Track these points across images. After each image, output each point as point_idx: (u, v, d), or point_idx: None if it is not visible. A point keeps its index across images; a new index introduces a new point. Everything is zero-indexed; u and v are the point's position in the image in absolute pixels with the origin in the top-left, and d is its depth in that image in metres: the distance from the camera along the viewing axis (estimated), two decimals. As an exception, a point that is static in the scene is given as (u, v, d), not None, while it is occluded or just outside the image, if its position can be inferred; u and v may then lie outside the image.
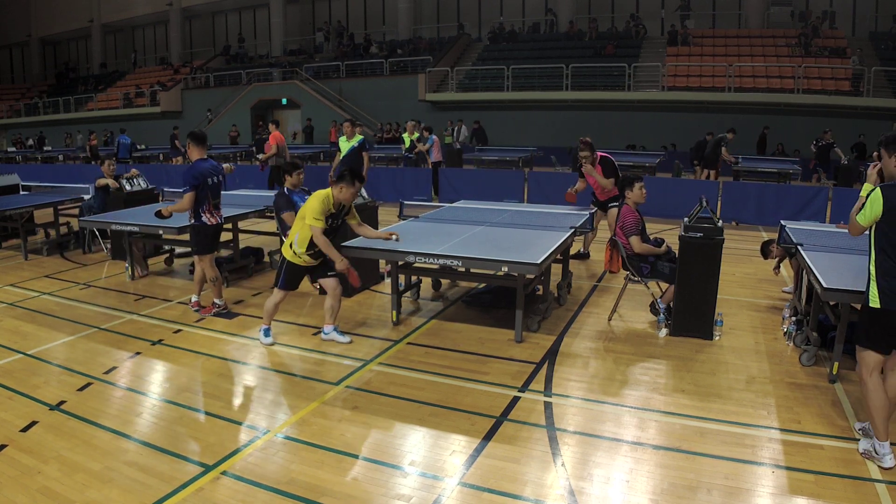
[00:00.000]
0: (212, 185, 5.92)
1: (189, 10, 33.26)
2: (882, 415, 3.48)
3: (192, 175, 5.78)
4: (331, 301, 5.41)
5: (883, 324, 3.47)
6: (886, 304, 3.41)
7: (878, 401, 3.50)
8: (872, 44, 21.50)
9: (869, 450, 3.57)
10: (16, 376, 4.75)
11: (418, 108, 23.97)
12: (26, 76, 39.56)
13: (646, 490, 3.32)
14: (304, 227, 5.10)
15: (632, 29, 24.54)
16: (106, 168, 9.16)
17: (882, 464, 3.47)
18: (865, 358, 3.56)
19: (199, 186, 5.79)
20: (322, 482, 3.39)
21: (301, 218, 5.12)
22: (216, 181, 6.00)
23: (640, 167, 15.23)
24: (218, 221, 6.07)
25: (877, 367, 3.53)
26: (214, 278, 6.09)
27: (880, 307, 3.43)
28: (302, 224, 5.10)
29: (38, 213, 9.68)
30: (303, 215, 5.10)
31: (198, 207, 5.88)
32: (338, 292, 5.41)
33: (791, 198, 10.87)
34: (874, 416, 3.51)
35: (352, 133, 9.92)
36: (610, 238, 5.89)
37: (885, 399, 3.49)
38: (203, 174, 5.84)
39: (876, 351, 3.53)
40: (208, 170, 5.92)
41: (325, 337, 5.48)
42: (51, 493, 3.29)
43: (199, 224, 5.94)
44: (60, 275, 7.84)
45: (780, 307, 6.38)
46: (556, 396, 4.42)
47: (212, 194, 5.93)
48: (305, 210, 5.08)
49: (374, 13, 30.81)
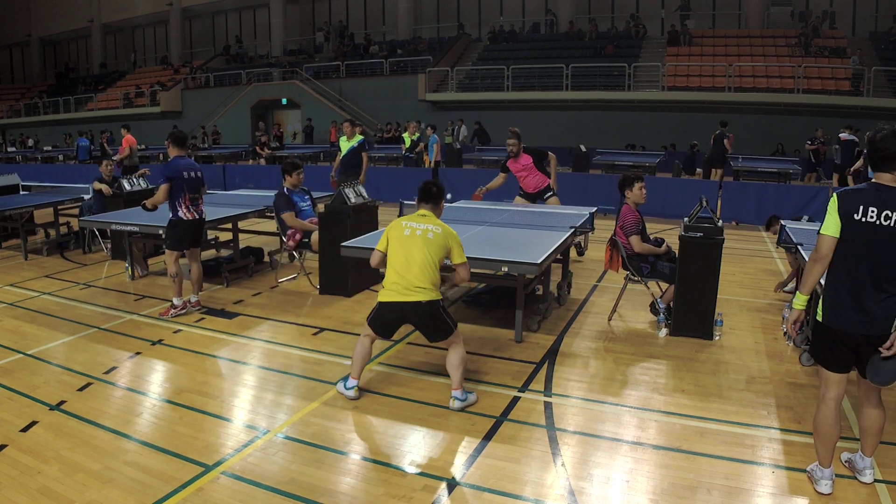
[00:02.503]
0: (188, 180, 6.03)
1: (189, 10, 33.25)
2: (824, 442, 3.20)
3: (169, 168, 5.99)
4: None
5: (825, 339, 3.17)
6: (827, 321, 3.13)
7: (821, 425, 3.20)
8: (872, 44, 21.49)
9: (811, 470, 3.32)
10: (16, 376, 4.74)
11: (418, 108, 23.97)
12: (26, 76, 39.54)
13: (646, 490, 3.32)
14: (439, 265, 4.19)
15: (632, 29, 24.52)
16: (104, 168, 9.17)
17: (817, 488, 3.22)
18: (820, 373, 3.27)
19: (174, 179, 5.94)
20: (322, 482, 3.39)
21: (438, 256, 4.14)
22: (193, 176, 6.10)
23: (640, 167, 15.24)
24: (196, 217, 6.14)
25: (835, 386, 3.19)
26: (175, 274, 6.10)
27: (821, 321, 3.16)
28: (437, 263, 4.15)
29: (38, 213, 9.67)
30: (444, 250, 4.17)
31: (174, 201, 6.00)
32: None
33: (791, 198, 10.87)
34: (816, 439, 3.25)
35: (352, 133, 9.92)
36: (610, 238, 5.89)
37: (830, 426, 3.17)
38: (179, 168, 5.98)
39: (824, 367, 3.22)
40: (184, 165, 6.05)
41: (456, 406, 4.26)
42: (51, 493, 3.28)
43: (174, 219, 6.08)
44: (60, 275, 7.84)
45: (780, 307, 6.38)
46: (556, 396, 4.42)
47: (189, 189, 6.03)
48: (456, 247, 4.20)
49: (374, 13, 30.80)
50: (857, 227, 2.98)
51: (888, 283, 2.99)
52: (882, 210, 2.94)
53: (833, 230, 3.05)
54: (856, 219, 2.98)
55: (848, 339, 3.09)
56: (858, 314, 3.04)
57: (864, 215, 2.96)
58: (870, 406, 3.25)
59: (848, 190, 3.12)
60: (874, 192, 2.99)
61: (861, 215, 2.97)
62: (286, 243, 7.02)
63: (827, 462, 3.23)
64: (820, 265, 3.12)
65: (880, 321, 3.01)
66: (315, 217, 7.13)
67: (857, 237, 2.99)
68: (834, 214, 3.05)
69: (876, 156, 3.03)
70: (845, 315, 3.07)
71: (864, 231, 2.97)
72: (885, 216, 2.93)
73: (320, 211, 7.13)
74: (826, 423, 3.19)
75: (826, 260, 3.09)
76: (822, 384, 3.25)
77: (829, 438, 3.19)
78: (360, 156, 9.87)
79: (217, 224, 7.28)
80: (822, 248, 3.09)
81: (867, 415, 3.26)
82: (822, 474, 3.24)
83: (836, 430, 3.19)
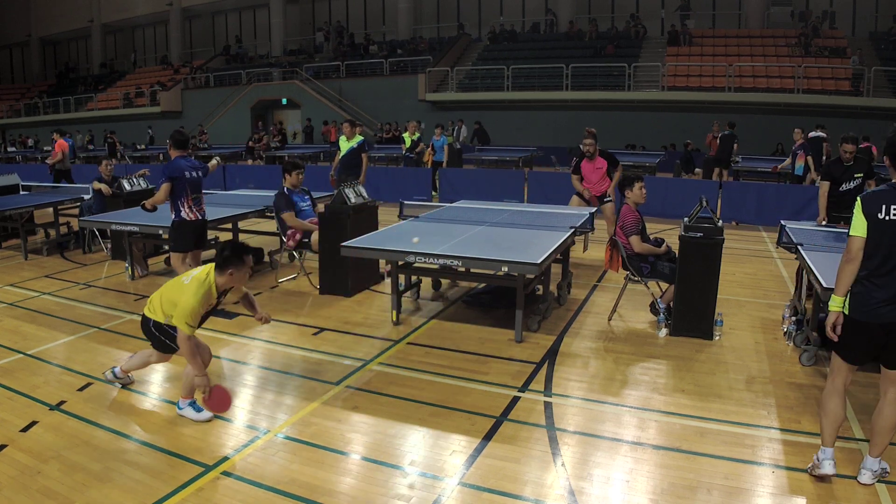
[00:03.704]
0: (190, 179, 6.02)
1: (189, 10, 33.25)
2: (830, 419, 3.38)
3: (170, 168, 5.97)
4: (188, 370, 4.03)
5: (850, 331, 3.33)
6: (854, 314, 3.29)
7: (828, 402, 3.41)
8: (872, 44, 21.49)
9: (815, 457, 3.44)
10: (16, 376, 4.75)
11: (418, 108, 23.97)
12: (26, 76, 39.54)
13: (646, 490, 3.32)
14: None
15: (632, 29, 24.52)
16: (104, 168, 9.16)
17: (822, 470, 3.35)
18: (833, 360, 3.46)
19: (175, 179, 5.92)
20: (322, 482, 3.39)
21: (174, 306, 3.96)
22: (195, 176, 6.09)
23: (640, 167, 15.24)
24: (199, 218, 6.13)
25: (845, 373, 3.39)
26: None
27: (848, 314, 3.32)
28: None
29: (38, 213, 9.68)
30: (174, 305, 3.96)
31: (175, 201, 5.98)
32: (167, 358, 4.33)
33: (791, 198, 10.87)
34: (822, 417, 3.43)
35: (352, 133, 9.91)
36: (610, 238, 5.89)
37: (837, 405, 3.37)
38: (180, 168, 5.97)
39: (841, 357, 3.41)
40: (185, 165, 6.03)
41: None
42: (51, 493, 3.29)
43: (177, 220, 6.06)
44: (60, 275, 7.84)
45: (780, 307, 6.38)
46: (556, 396, 4.42)
47: (190, 188, 6.02)
48: (179, 308, 3.88)
49: (374, 13, 30.80)
50: (883, 225, 3.21)
51: None
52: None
53: (861, 231, 3.26)
54: (879, 217, 3.21)
55: (872, 331, 3.25)
56: (887, 306, 3.21)
57: (886, 213, 3.20)
58: (885, 401, 3.35)
59: (870, 192, 3.34)
60: (893, 192, 3.23)
61: (885, 214, 3.20)
62: (286, 243, 7.02)
63: (830, 441, 3.38)
64: (852, 265, 3.30)
65: None
66: (315, 217, 7.13)
67: (884, 235, 3.21)
68: (860, 216, 3.27)
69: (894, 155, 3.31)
70: (873, 308, 3.24)
71: (889, 229, 3.19)
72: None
73: (320, 211, 7.13)
74: (833, 402, 3.39)
75: (857, 260, 3.28)
76: (834, 370, 3.45)
77: (836, 417, 3.37)
78: (359, 156, 9.87)
79: (217, 224, 7.28)
80: (853, 248, 3.29)
81: (882, 413, 3.34)
82: (825, 455, 3.37)
83: (842, 411, 3.39)
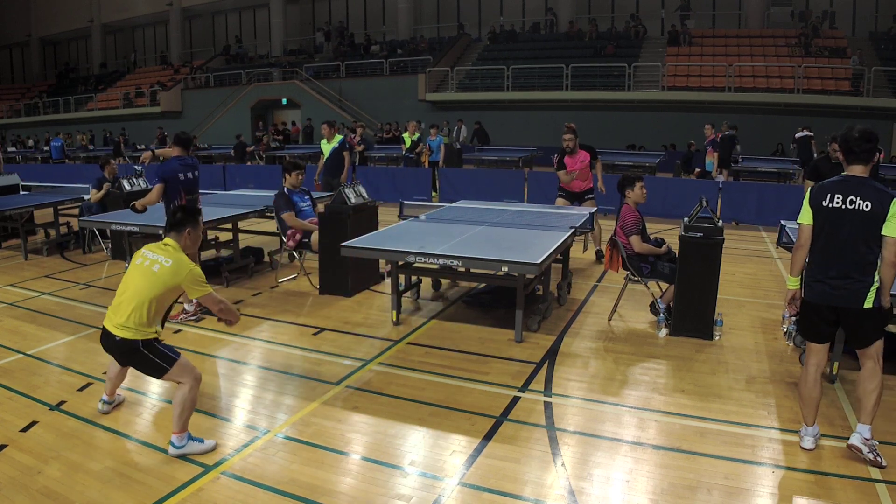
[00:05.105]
0: (184, 181, 6.03)
1: (189, 10, 33.24)
2: (805, 401, 3.67)
3: (163, 169, 5.98)
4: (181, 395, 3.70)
5: (805, 312, 3.69)
6: (806, 296, 3.66)
7: (802, 387, 3.70)
8: (872, 44, 21.49)
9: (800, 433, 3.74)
10: (16, 376, 4.75)
11: (418, 108, 23.97)
12: (26, 76, 39.52)
13: (646, 490, 3.32)
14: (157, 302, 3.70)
15: (632, 29, 24.52)
16: (111, 169, 9.17)
17: (802, 444, 3.67)
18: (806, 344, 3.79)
19: (168, 180, 5.93)
20: (322, 482, 3.39)
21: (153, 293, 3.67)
22: (189, 177, 6.10)
23: (640, 167, 15.25)
24: None
25: (814, 354, 3.67)
26: None
27: (803, 297, 3.69)
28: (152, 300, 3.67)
29: (38, 213, 9.67)
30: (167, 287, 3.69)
31: (168, 202, 5.97)
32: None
33: (791, 198, 10.86)
34: (799, 400, 3.75)
35: (331, 135, 9.87)
36: (610, 238, 5.89)
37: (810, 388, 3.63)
38: (174, 169, 5.98)
39: (805, 337, 3.79)
40: (180, 166, 6.04)
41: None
42: (51, 493, 3.29)
43: None
44: (60, 275, 7.84)
45: (780, 307, 6.38)
46: (556, 396, 4.42)
47: (184, 189, 6.03)
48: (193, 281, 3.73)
49: (374, 13, 30.80)
50: (826, 212, 3.49)
51: (856, 259, 3.43)
52: (846, 196, 3.44)
53: (807, 219, 3.59)
54: (823, 205, 3.50)
55: (821, 311, 3.58)
56: (825, 285, 3.52)
57: (830, 202, 3.48)
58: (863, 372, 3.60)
59: (820, 184, 3.61)
60: (841, 183, 3.51)
61: (829, 202, 3.49)
62: (286, 243, 7.03)
63: (810, 420, 3.67)
64: (801, 251, 3.65)
65: (852, 294, 3.46)
66: (315, 217, 7.13)
67: (826, 221, 3.50)
68: (806, 206, 3.60)
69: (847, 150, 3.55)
70: (818, 290, 3.56)
71: (832, 215, 3.47)
72: (850, 201, 3.43)
73: (320, 211, 7.13)
74: (807, 385, 3.66)
75: (805, 247, 3.61)
76: (807, 352, 3.75)
77: (809, 399, 3.65)
78: (341, 156, 9.82)
79: (217, 224, 7.28)
80: (801, 236, 3.64)
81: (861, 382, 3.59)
82: (805, 431, 3.69)
83: (816, 392, 3.64)
